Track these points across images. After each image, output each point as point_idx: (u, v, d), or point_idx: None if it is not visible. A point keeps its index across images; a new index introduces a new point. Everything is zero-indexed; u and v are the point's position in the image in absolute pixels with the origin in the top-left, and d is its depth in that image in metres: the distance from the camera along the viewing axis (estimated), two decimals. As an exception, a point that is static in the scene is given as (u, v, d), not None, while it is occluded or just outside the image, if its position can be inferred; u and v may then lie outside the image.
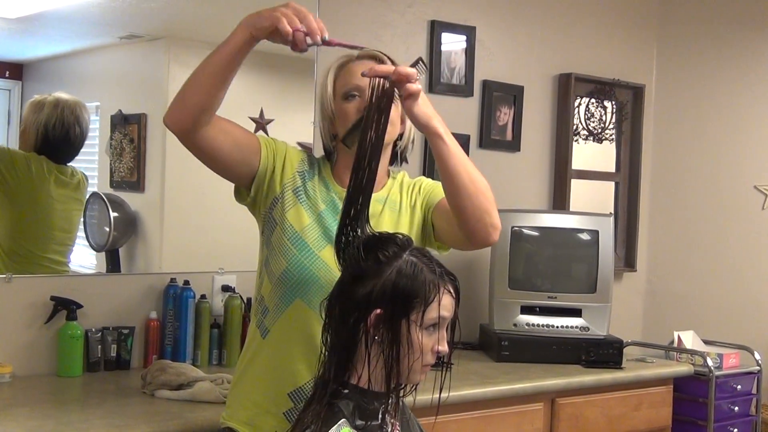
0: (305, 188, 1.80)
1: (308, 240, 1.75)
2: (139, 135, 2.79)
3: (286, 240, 1.75)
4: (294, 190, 1.79)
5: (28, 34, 2.66)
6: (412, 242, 1.52)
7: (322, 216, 1.78)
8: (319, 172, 1.84)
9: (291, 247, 1.75)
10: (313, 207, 1.79)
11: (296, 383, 1.72)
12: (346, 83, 1.79)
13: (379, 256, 1.47)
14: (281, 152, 1.80)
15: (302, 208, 1.78)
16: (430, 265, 1.49)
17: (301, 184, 1.80)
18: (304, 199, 1.79)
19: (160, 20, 2.84)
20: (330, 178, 1.84)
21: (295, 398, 1.72)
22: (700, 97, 4.07)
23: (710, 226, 4.05)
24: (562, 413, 2.82)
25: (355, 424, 1.44)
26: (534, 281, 3.22)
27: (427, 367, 1.50)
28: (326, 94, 1.82)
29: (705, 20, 4.06)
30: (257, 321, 1.81)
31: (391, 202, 1.86)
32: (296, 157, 1.83)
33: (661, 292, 4.05)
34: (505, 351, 3.04)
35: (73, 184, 2.74)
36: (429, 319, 1.46)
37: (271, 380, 1.75)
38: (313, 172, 1.84)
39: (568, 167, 3.70)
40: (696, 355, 3.39)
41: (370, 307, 1.45)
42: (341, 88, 1.80)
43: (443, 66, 3.35)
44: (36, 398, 2.25)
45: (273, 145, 1.80)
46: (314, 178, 1.83)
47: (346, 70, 1.82)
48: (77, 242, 2.79)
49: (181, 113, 1.62)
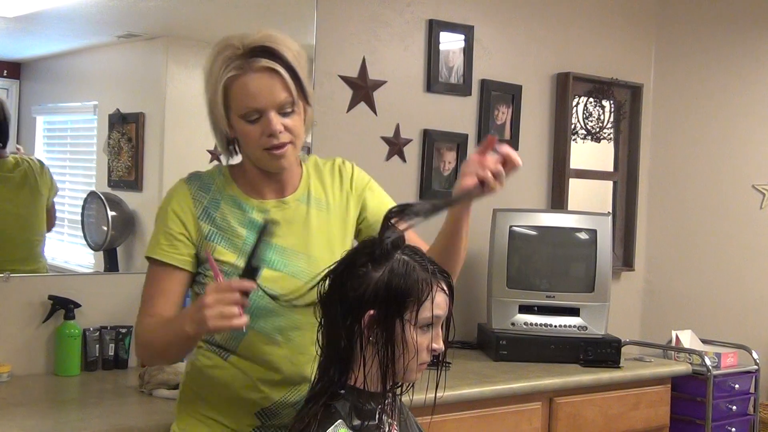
0: (215, 224, 1.65)
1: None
2: (137, 134, 2.79)
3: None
4: (206, 238, 1.64)
5: (25, 32, 2.66)
6: (404, 241, 1.51)
7: (246, 243, 1.62)
8: (222, 194, 1.67)
9: None
10: (232, 240, 1.64)
11: (262, 405, 1.67)
12: (243, 104, 1.57)
13: (371, 256, 1.47)
14: (176, 226, 1.64)
15: (222, 249, 1.64)
16: (423, 263, 1.47)
17: (209, 225, 1.64)
18: (219, 237, 1.64)
19: (159, 19, 2.84)
20: (240, 194, 1.68)
21: (263, 416, 1.67)
22: (698, 96, 4.07)
23: (708, 226, 4.05)
24: (561, 412, 2.82)
25: (352, 425, 1.44)
26: (532, 280, 3.22)
27: (424, 365, 1.50)
28: (217, 108, 1.60)
29: (703, 20, 4.07)
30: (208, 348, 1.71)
31: (316, 200, 1.74)
32: (185, 204, 1.65)
33: (659, 291, 4.05)
34: (503, 350, 3.04)
35: (16, 179, 2.58)
36: (423, 318, 1.45)
37: (233, 404, 1.67)
38: (216, 198, 1.67)
39: (566, 166, 3.70)
40: (694, 354, 3.39)
41: (363, 308, 1.44)
42: (238, 107, 1.58)
43: (441, 65, 3.34)
44: (34, 397, 2.25)
45: (174, 241, 1.63)
46: (220, 204, 1.66)
47: (240, 85, 1.57)
48: (76, 241, 2.79)
49: (152, 363, 1.71)
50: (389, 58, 3.22)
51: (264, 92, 1.56)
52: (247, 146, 1.63)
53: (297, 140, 1.63)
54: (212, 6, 2.90)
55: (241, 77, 1.56)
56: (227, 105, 1.59)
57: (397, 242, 1.49)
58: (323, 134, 3.00)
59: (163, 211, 1.67)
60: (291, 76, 1.58)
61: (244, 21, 2.95)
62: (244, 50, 1.57)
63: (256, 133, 1.59)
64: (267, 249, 1.57)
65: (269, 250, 1.63)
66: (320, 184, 1.76)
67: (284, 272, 1.66)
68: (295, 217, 1.70)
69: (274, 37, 1.60)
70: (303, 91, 1.62)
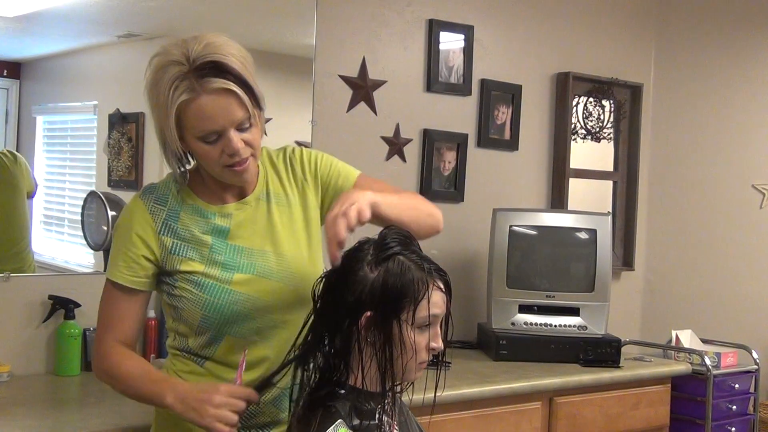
0: (178, 236, 1.63)
1: (213, 280, 1.62)
2: (137, 134, 2.79)
3: (191, 288, 1.62)
4: (171, 251, 1.62)
5: (25, 32, 2.66)
6: (403, 239, 1.51)
7: (213, 250, 1.63)
8: (180, 204, 1.64)
9: (199, 293, 1.61)
10: (197, 249, 1.63)
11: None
12: (201, 128, 1.53)
13: (366, 258, 1.46)
14: (134, 248, 1.62)
15: (189, 260, 1.62)
16: (419, 262, 1.47)
17: (172, 238, 1.62)
18: (184, 248, 1.63)
19: (159, 19, 2.84)
20: (200, 203, 1.65)
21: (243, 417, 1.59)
22: (698, 96, 4.07)
23: (708, 225, 4.05)
24: (560, 412, 2.82)
25: (352, 425, 1.44)
26: (532, 280, 3.22)
27: (423, 364, 1.50)
28: (169, 133, 1.54)
29: (703, 19, 4.07)
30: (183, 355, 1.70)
31: (275, 195, 1.71)
32: (144, 220, 1.62)
33: (659, 291, 4.06)
34: (503, 350, 3.04)
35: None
36: (420, 318, 1.45)
37: None
38: (174, 208, 1.64)
39: (566, 166, 3.70)
40: (694, 354, 3.39)
41: (360, 309, 1.44)
42: (194, 129, 1.53)
43: (441, 65, 3.34)
44: (34, 397, 2.25)
45: (131, 263, 1.62)
46: (179, 215, 1.64)
47: (194, 109, 1.51)
48: (76, 241, 2.78)
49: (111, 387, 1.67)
50: (389, 58, 3.22)
51: (221, 113, 1.52)
52: (207, 165, 1.60)
53: (256, 151, 1.61)
54: (212, 6, 2.90)
55: (195, 101, 1.51)
56: (181, 127, 1.55)
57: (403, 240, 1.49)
58: (323, 134, 3.01)
59: (123, 230, 1.65)
60: (245, 90, 1.53)
61: (243, 21, 2.95)
62: (191, 67, 1.50)
63: (216, 153, 1.55)
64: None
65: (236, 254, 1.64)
66: (277, 178, 1.73)
67: (254, 274, 1.65)
68: (256, 216, 1.69)
69: (216, 45, 1.53)
70: (257, 101, 1.57)
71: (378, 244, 1.48)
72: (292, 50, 3.07)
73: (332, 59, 3.07)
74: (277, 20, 3.05)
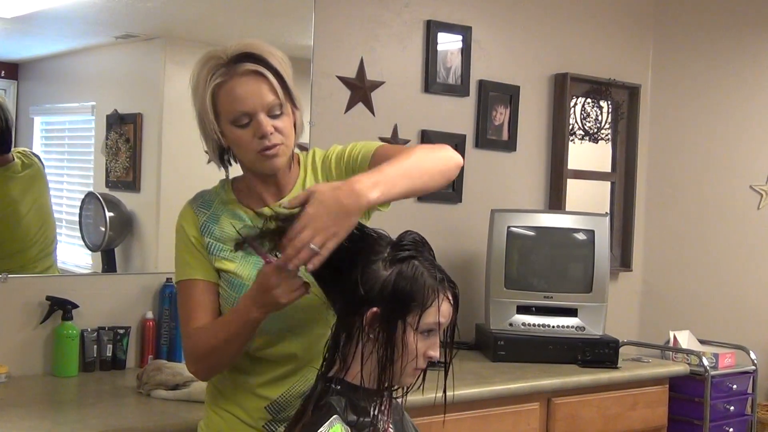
0: (213, 236, 1.68)
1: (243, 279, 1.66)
2: (135, 135, 2.79)
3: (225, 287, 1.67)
4: (209, 251, 1.68)
5: (23, 33, 2.66)
6: (420, 244, 1.51)
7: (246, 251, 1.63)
8: (223, 208, 1.71)
9: (231, 291, 1.67)
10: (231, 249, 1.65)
11: (271, 398, 1.68)
12: (232, 109, 1.60)
13: (383, 254, 1.47)
14: (194, 248, 1.68)
15: (222, 260, 1.67)
16: (432, 270, 1.48)
17: (209, 238, 1.68)
18: (219, 248, 1.68)
19: (157, 20, 2.84)
20: (239, 207, 1.71)
21: (273, 410, 1.68)
22: (696, 96, 4.07)
23: (706, 226, 4.06)
24: (558, 413, 2.82)
25: (347, 420, 1.44)
26: (530, 281, 3.22)
27: (418, 370, 1.51)
28: (207, 118, 1.62)
29: (701, 20, 4.07)
30: None
31: None
32: (191, 220, 1.70)
33: (657, 291, 4.06)
34: (501, 351, 3.05)
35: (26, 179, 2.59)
36: (425, 324, 1.46)
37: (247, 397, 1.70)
38: (216, 213, 1.71)
39: (564, 167, 3.70)
40: (692, 354, 3.40)
41: (367, 304, 1.45)
42: (227, 113, 1.60)
43: (439, 66, 3.35)
44: (31, 398, 2.25)
45: (199, 257, 1.68)
46: (219, 218, 1.70)
47: (227, 90, 1.59)
48: (74, 242, 2.78)
49: (213, 372, 1.69)
50: (387, 59, 3.22)
51: (251, 95, 1.59)
52: (240, 151, 1.65)
53: (288, 141, 1.65)
54: (210, 7, 2.90)
55: (228, 83, 1.59)
56: (217, 113, 1.61)
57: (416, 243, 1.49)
58: (321, 135, 3.00)
59: (180, 235, 1.72)
60: (276, 78, 1.61)
61: (242, 22, 2.95)
62: (228, 58, 1.59)
63: (248, 136, 1.61)
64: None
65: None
66: (315, 180, 1.76)
67: None
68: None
69: (257, 44, 1.63)
70: (290, 94, 1.64)
71: (395, 244, 1.49)
72: (290, 51, 2.99)
73: (330, 60, 3.07)
74: (274, 21, 3.05)
